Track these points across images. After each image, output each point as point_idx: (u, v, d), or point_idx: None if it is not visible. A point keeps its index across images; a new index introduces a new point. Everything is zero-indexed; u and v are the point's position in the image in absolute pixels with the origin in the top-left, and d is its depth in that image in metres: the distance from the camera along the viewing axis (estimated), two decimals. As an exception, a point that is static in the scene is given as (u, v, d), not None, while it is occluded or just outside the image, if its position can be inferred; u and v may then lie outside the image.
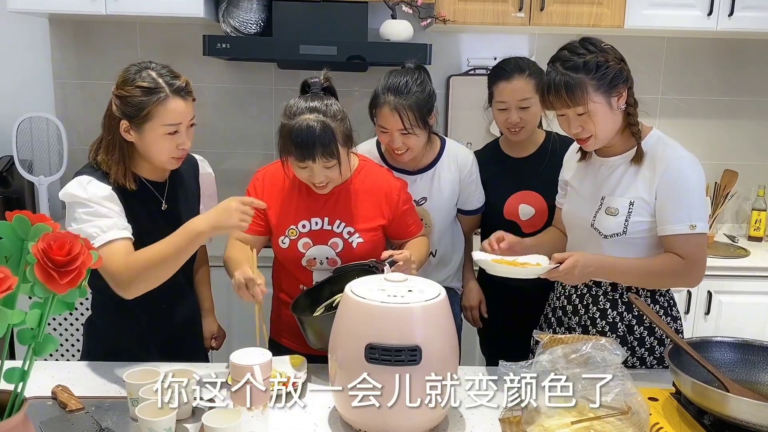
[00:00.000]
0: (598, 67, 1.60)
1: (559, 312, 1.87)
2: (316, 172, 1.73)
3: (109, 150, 1.67)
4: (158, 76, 1.63)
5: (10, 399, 0.99)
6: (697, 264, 1.66)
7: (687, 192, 1.64)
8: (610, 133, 1.67)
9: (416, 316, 1.35)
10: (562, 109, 1.65)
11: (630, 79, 1.66)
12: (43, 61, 3.08)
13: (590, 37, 1.67)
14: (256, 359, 1.35)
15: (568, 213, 1.84)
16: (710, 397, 1.27)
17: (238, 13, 2.79)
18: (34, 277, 0.94)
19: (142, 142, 1.65)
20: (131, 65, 1.67)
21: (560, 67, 1.63)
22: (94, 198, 1.61)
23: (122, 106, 1.62)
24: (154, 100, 1.61)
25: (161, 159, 1.68)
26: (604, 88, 1.61)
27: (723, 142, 3.32)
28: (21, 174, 2.85)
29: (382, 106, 1.96)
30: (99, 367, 1.67)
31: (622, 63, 1.65)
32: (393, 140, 1.99)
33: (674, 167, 1.63)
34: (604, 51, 1.63)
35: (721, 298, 2.85)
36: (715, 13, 2.82)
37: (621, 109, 1.65)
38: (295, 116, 1.70)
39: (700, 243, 1.65)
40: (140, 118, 1.61)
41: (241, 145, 3.22)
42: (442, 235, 2.20)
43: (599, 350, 1.23)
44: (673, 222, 1.63)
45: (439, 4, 2.77)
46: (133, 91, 1.61)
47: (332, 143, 1.69)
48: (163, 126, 1.63)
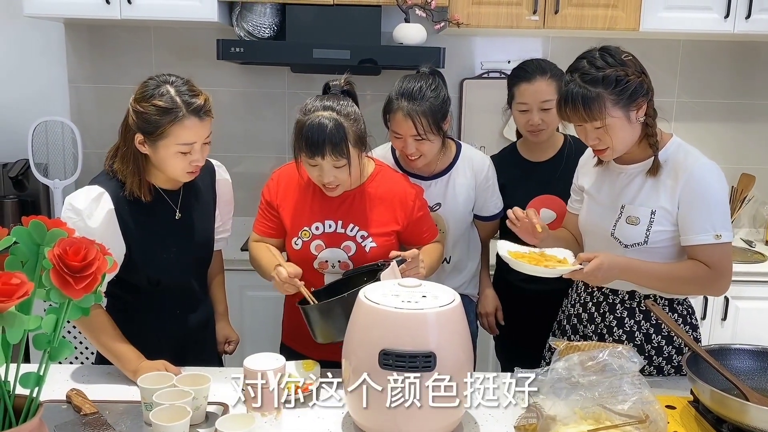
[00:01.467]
0: (617, 82, 1.56)
1: (574, 320, 1.85)
2: (326, 171, 1.73)
3: (124, 160, 1.66)
4: (177, 93, 1.61)
5: (25, 404, 0.99)
6: (724, 273, 1.64)
7: (711, 201, 1.61)
8: (627, 144, 1.65)
9: (431, 322, 1.35)
10: (579, 122, 1.63)
11: (651, 90, 1.63)
12: (58, 66, 3.10)
13: (610, 47, 1.63)
14: (269, 364, 1.34)
15: (586, 221, 1.82)
16: (729, 405, 1.25)
17: (251, 18, 2.80)
18: (49, 282, 0.94)
19: (155, 156, 1.65)
20: (151, 78, 1.65)
21: (579, 80, 1.59)
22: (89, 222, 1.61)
23: (138, 121, 1.61)
24: (170, 120, 1.59)
25: (175, 174, 1.68)
26: (623, 102, 1.57)
27: (740, 145, 3.28)
28: (36, 177, 2.87)
29: (396, 111, 1.95)
30: (114, 371, 1.68)
31: (643, 75, 1.61)
32: (406, 146, 1.98)
33: (697, 176, 1.61)
34: (624, 64, 1.59)
35: (738, 304, 2.82)
36: (732, 16, 2.78)
37: (640, 121, 1.62)
38: (310, 113, 1.71)
39: (725, 252, 1.63)
40: (155, 136, 1.61)
41: (254, 149, 3.22)
42: (456, 241, 2.19)
43: (616, 358, 1.22)
44: (698, 232, 1.60)
45: (452, 8, 2.76)
46: (149, 108, 1.60)
47: (343, 142, 1.69)
48: (177, 145, 1.62)
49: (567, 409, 1.23)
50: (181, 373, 1.55)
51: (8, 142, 3.05)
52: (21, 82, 3.10)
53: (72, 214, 1.61)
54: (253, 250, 1.92)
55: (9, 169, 2.92)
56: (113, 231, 1.64)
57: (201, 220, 1.83)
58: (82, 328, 1.67)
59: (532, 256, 1.67)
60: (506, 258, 1.67)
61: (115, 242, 1.64)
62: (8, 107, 3.09)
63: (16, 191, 2.95)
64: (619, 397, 1.19)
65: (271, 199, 1.90)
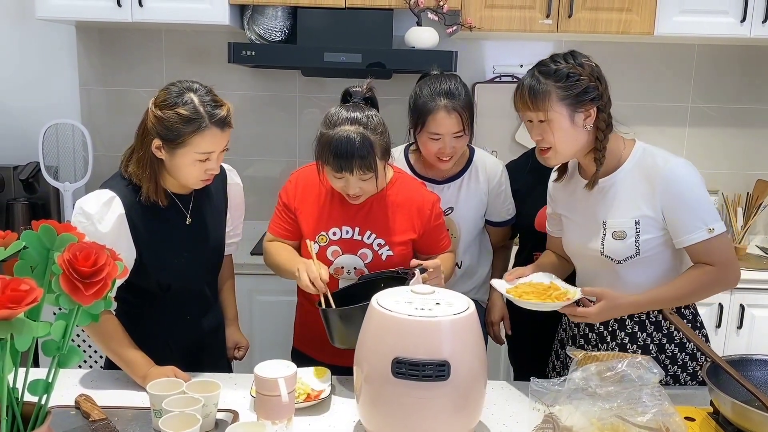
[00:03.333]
0: (568, 77, 1.56)
1: (581, 340, 1.80)
2: (352, 183, 1.71)
3: (140, 164, 1.64)
4: (200, 103, 1.58)
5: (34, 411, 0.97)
6: (729, 265, 1.60)
7: (693, 198, 1.58)
8: (569, 148, 1.62)
9: (444, 330, 1.32)
10: (525, 111, 1.61)
11: (604, 102, 1.60)
12: (69, 69, 3.10)
13: (577, 52, 1.63)
14: (280, 372, 1.32)
15: (573, 244, 1.77)
16: (752, 418, 1.22)
17: (262, 21, 2.79)
18: (59, 288, 0.92)
19: (171, 163, 1.62)
20: (173, 84, 1.63)
21: (535, 71, 1.61)
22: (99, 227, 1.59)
23: (158, 126, 1.59)
24: (192, 129, 1.57)
25: (188, 181, 1.67)
26: (569, 100, 1.56)
27: (755, 151, 3.25)
28: (47, 180, 2.87)
29: (436, 111, 1.94)
30: (123, 377, 1.66)
31: (598, 82, 1.59)
32: (446, 145, 1.97)
33: (672, 178, 1.58)
34: (581, 65, 1.58)
35: (754, 312, 2.78)
36: (748, 20, 2.75)
37: (587, 128, 1.59)
38: (336, 126, 1.68)
39: (724, 243, 1.59)
40: (174, 143, 1.58)
41: (265, 152, 3.21)
42: (468, 246, 2.16)
43: (635, 368, 1.19)
44: (691, 231, 1.57)
45: (465, 11, 2.74)
46: (171, 116, 1.57)
47: (370, 156, 1.67)
48: (195, 153, 1.60)
49: (584, 419, 1.20)
50: (191, 379, 1.53)
51: (19, 144, 3.05)
52: (32, 85, 3.10)
53: (82, 218, 1.60)
54: (271, 248, 1.90)
55: (20, 172, 2.92)
56: (124, 236, 1.63)
57: (212, 225, 1.81)
58: (91, 333, 1.65)
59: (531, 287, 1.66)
60: (509, 297, 1.65)
61: (125, 247, 1.62)
62: (19, 110, 3.10)
63: (26, 194, 2.95)
64: (638, 408, 1.16)
65: (289, 202, 1.88)
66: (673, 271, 1.68)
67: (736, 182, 3.22)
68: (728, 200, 3.15)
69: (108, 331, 1.63)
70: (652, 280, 1.66)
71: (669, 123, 3.23)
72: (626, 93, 3.18)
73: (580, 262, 1.79)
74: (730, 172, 3.25)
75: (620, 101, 3.12)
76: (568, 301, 1.58)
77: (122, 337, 1.64)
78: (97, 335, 1.65)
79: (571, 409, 1.19)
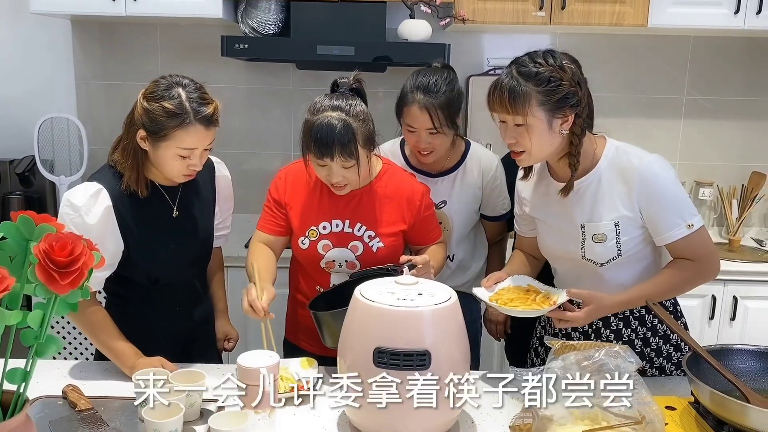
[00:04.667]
0: (549, 82, 1.50)
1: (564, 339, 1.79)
2: (334, 171, 1.71)
3: (125, 153, 1.66)
4: (187, 99, 1.59)
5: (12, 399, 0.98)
6: (710, 258, 1.61)
7: (669, 195, 1.58)
8: (544, 153, 1.59)
9: (426, 320, 1.33)
10: (502, 114, 1.56)
11: (582, 107, 1.56)
12: (65, 63, 3.12)
13: (557, 51, 1.57)
14: (263, 362, 1.34)
15: (551, 248, 1.75)
16: (730, 407, 1.23)
17: (256, 14, 2.79)
18: (35, 277, 0.94)
19: (154, 154, 1.64)
20: (163, 78, 1.64)
21: (513, 71, 1.54)
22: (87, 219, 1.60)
23: (144, 117, 1.60)
24: (176, 124, 1.58)
25: (171, 174, 1.67)
26: (549, 105, 1.51)
27: (750, 143, 3.24)
28: (42, 174, 2.89)
29: (411, 104, 1.95)
30: (110, 368, 1.68)
31: (578, 87, 1.54)
32: (420, 140, 1.98)
33: (648, 175, 1.57)
34: (563, 69, 1.52)
35: (747, 304, 2.78)
36: (742, 11, 2.74)
37: (563, 134, 1.56)
38: (318, 113, 1.69)
39: (703, 238, 1.60)
40: (158, 136, 1.60)
41: (260, 146, 3.22)
42: (461, 240, 2.17)
43: (613, 357, 1.20)
44: (670, 228, 1.57)
45: (458, 4, 2.74)
46: (157, 108, 1.58)
47: (351, 143, 1.67)
48: (177, 148, 1.60)
49: (563, 409, 1.21)
50: (177, 369, 1.54)
51: (15, 138, 3.07)
52: (28, 79, 3.12)
53: (70, 210, 1.61)
54: (251, 252, 1.89)
55: (15, 166, 2.95)
56: (111, 228, 1.64)
57: (200, 217, 1.82)
58: (80, 324, 1.67)
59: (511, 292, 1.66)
60: (493, 306, 1.65)
61: (112, 239, 1.64)
62: (15, 104, 3.12)
63: (22, 187, 2.97)
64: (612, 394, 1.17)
65: (279, 198, 1.88)
66: (654, 265, 1.68)
67: (731, 174, 3.22)
68: (723, 192, 3.15)
69: (97, 322, 1.65)
70: (635, 277, 1.67)
71: (664, 115, 3.22)
72: (621, 85, 3.18)
73: (560, 264, 1.78)
74: (725, 164, 3.24)
75: (615, 93, 3.17)
76: (553, 305, 1.58)
77: (111, 329, 1.65)
78: (85, 326, 1.66)
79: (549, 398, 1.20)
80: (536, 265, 1.86)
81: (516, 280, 1.70)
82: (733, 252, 2.97)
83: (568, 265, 1.73)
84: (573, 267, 1.71)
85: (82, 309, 1.57)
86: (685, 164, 3.25)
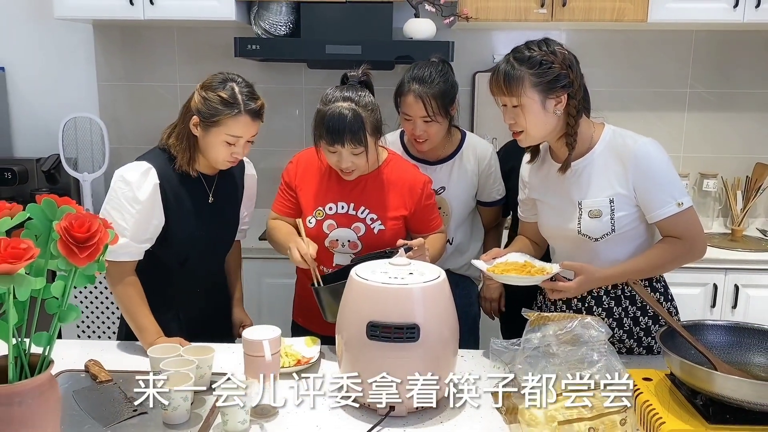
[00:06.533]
0: (541, 65, 1.63)
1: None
2: (344, 157, 1.84)
3: (179, 137, 1.82)
4: (239, 92, 1.77)
5: (39, 360, 1.11)
6: (696, 238, 1.69)
7: (661, 174, 1.67)
8: (541, 132, 1.70)
9: (415, 296, 1.43)
10: (499, 95, 1.70)
11: (575, 89, 1.67)
12: (87, 65, 3.27)
13: (551, 39, 1.70)
14: (266, 335, 1.45)
15: (549, 226, 1.85)
16: (697, 375, 1.30)
17: (268, 16, 2.91)
18: (57, 251, 1.05)
19: (203, 140, 1.80)
20: (220, 73, 1.82)
21: (510, 57, 1.68)
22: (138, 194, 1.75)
23: (200, 104, 1.77)
24: (228, 112, 1.75)
25: (215, 160, 1.83)
26: (541, 86, 1.64)
27: (754, 135, 3.29)
28: (67, 171, 3.04)
29: (407, 94, 2.08)
30: (129, 346, 1.81)
31: (569, 70, 1.66)
32: (416, 127, 2.10)
33: (642, 156, 1.67)
34: (554, 53, 1.65)
35: (748, 292, 2.83)
36: (741, 5, 2.79)
37: (557, 114, 1.67)
38: (330, 103, 1.83)
39: (691, 217, 1.68)
40: (210, 122, 1.76)
41: (274, 144, 3.31)
42: (459, 224, 2.28)
43: (585, 328, 1.29)
44: (661, 206, 1.66)
45: (461, 2, 2.83)
46: (213, 97, 1.76)
47: (361, 131, 1.80)
48: (226, 135, 1.77)
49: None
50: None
51: (41, 137, 3.23)
52: (52, 81, 3.28)
53: (122, 184, 1.76)
54: (273, 225, 2.05)
55: (42, 164, 3.10)
56: (157, 203, 1.80)
57: (230, 207, 1.99)
58: (117, 294, 1.81)
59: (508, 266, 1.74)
60: (490, 275, 1.74)
61: (157, 213, 1.80)
62: (40, 105, 3.28)
63: (48, 184, 3.12)
64: (585, 363, 1.26)
65: (290, 180, 2.02)
66: (647, 244, 1.77)
67: (735, 166, 3.27)
68: (728, 184, 3.20)
69: (130, 295, 1.80)
70: (627, 254, 1.75)
71: (668, 108, 3.28)
72: (624, 79, 3.24)
73: (557, 242, 1.88)
74: (729, 156, 3.29)
75: (618, 87, 3.24)
76: (547, 275, 1.67)
77: (141, 304, 1.80)
78: (120, 296, 1.81)
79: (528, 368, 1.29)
80: (538, 251, 1.95)
81: (514, 257, 1.79)
82: (735, 242, 3.02)
83: (565, 242, 1.83)
84: (569, 244, 1.81)
85: (120, 279, 1.77)
86: (690, 156, 3.31)
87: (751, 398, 1.25)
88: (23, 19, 3.23)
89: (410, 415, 1.46)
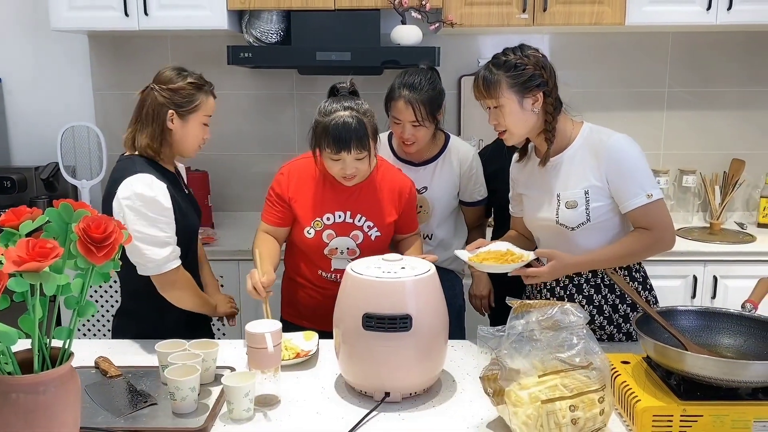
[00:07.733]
0: (515, 67, 1.77)
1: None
2: (348, 163, 1.92)
3: (153, 138, 1.89)
4: (197, 78, 1.92)
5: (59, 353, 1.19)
6: (665, 228, 1.80)
7: (632, 167, 1.79)
8: (522, 130, 1.83)
9: (408, 289, 1.53)
10: (481, 99, 1.83)
11: (550, 87, 1.80)
12: (83, 75, 3.35)
13: (526, 45, 1.83)
14: (268, 328, 1.54)
15: (531, 218, 1.97)
16: (669, 355, 1.41)
17: (259, 24, 3.00)
18: (76, 251, 1.14)
19: (183, 129, 1.90)
20: (168, 69, 1.92)
21: (489, 63, 1.82)
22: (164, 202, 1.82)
23: (173, 97, 1.87)
24: (203, 93, 1.91)
25: (193, 146, 1.95)
26: (517, 87, 1.77)
27: (730, 131, 3.41)
28: (65, 179, 3.11)
29: (398, 99, 2.18)
30: (135, 345, 1.90)
31: (542, 70, 1.79)
32: (404, 131, 2.21)
33: (614, 149, 1.79)
34: (527, 56, 1.78)
35: (726, 283, 2.93)
36: (713, 8, 2.91)
37: (535, 111, 1.80)
38: (330, 114, 1.91)
39: (660, 208, 1.80)
40: (189, 109, 1.89)
41: (266, 148, 3.42)
42: (441, 221, 2.39)
43: (565, 314, 1.38)
44: (631, 197, 1.78)
45: (446, 9, 2.93)
46: (185, 86, 1.88)
47: (365, 137, 1.90)
48: (203, 116, 1.92)
49: (526, 362, 1.39)
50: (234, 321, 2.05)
51: (39, 146, 3.31)
52: (49, 91, 3.36)
53: (139, 201, 1.79)
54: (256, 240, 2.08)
55: (41, 172, 3.17)
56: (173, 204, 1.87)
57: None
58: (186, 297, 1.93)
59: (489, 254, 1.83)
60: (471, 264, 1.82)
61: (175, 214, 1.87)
62: (38, 115, 3.36)
63: (47, 192, 3.20)
64: (566, 346, 1.36)
65: (282, 192, 2.06)
66: (621, 235, 1.87)
67: (712, 162, 3.39)
68: (706, 179, 3.31)
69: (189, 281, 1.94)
70: (602, 244, 1.86)
71: (647, 108, 3.40)
72: (605, 80, 3.36)
73: (538, 232, 1.99)
74: (706, 152, 3.42)
75: (600, 89, 3.36)
76: (522, 262, 1.77)
77: (195, 286, 1.97)
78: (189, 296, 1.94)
79: (515, 354, 1.38)
80: (527, 243, 2.05)
81: (497, 245, 1.88)
82: (714, 235, 3.13)
83: (545, 232, 1.95)
84: (549, 233, 1.92)
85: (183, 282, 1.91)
86: (669, 153, 3.43)
87: (718, 375, 1.36)
88: (20, 31, 3.31)
89: (404, 401, 1.56)
